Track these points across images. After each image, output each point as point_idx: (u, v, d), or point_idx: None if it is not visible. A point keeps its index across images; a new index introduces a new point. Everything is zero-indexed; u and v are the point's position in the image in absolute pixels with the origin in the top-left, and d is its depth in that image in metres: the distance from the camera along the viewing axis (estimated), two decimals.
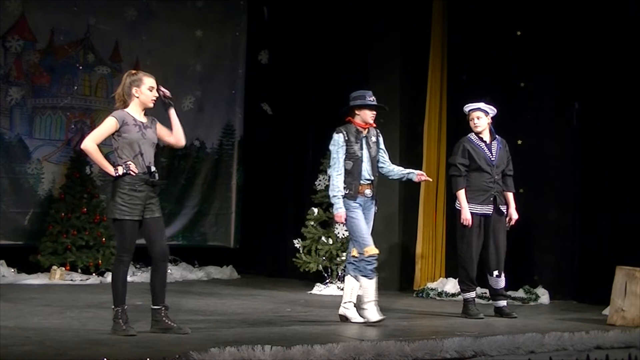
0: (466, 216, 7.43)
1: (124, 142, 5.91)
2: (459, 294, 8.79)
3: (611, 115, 8.47)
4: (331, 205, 9.82)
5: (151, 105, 6.06)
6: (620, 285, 7.10)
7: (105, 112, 5.90)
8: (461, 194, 7.49)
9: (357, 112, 6.97)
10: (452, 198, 9.26)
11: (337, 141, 6.91)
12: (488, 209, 7.49)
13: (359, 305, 6.93)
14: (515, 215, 7.62)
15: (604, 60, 8.51)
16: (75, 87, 11.06)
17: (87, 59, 11.11)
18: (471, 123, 7.59)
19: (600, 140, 8.56)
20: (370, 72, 10.21)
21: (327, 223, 9.96)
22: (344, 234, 9.78)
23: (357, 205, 6.89)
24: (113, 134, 5.93)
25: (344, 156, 6.89)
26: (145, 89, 6.01)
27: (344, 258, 9.69)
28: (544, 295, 8.72)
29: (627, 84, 8.34)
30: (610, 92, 8.49)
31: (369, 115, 6.94)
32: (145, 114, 6.07)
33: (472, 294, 7.53)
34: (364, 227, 6.86)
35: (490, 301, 7.90)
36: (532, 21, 9.11)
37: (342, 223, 6.98)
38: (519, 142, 8.82)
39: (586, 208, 8.67)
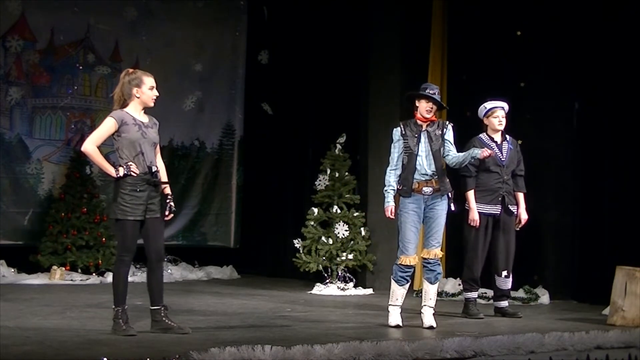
0: (474, 217, 7.43)
1: (124, 142, 5.89)
2: (459, 294, 8.80)
3: (611, 115, 8.47)
4: (331, 205, 9.91)
5: (152, 104, 6.04)
6: (620, 285, 7.09)
7: (105, 112, 5.90)
8: (470, 194, 7.49)
9: (417, 104, 6.77)
10: (453, 197, 9.29)
11: (394, 136, 6.79)
12: (496, 209, 7.49)
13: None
14: (524, 216, 7.63)
15: (604, 60, 8.51)
16: (75, 87, 11.07)
17: (87, 59, 11.12)
18: (494, 120, 7.54)
19: (600, 140, 8.56)
20: (371, 72, 10.21)
21: (327, 223, 9.97)
22: (344, 234, 9.79)
23: (413, 204, 6.67)
24: (113, 134, 5.92)
25: (401, 151, 6.73)
26: (147, 89, 5.99)
27: (343, 258, 9.70)
28: (544, 295, 8.71)
29: (627, 84, 8.34)
30: (610, 92, 8.49)
31: (425, 109, 6.70)
32: (145, 113, 6.07)
33: (474, 294, 7.54)
34: (409, 232, 6.65)
35: (492, 301, 7.90)
36: (532, 21, 9.10)
37: (389, 218, 6.80)
38: (519, 142, 8.81)
39: (586, 208, 8.66)
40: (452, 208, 6.81)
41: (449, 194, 6.74)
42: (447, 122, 6.87)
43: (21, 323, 6.30)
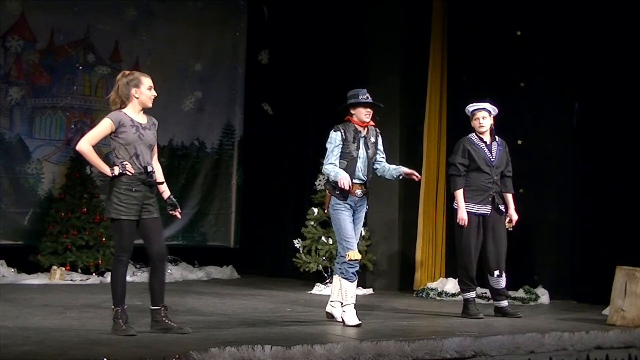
0: (462, 216, 7.44)
1: (120, 143, 5.89)
2: (459, 294, 8.79)
3: (611, 115, 8.47)
4: None
5: (150, 105, 6.03)
6: (620, 285, 7.10)
7: (105, 112, 5.90)
8: (459, 193, 7.50)
9: (352, 111, 6.90)
10: (451, 198, 9.31)
11: (334, 139, 6.85)
12: (486, 209, 7.50)
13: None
14: (515, 216, 7.63)
15: (603, 60, 8.51)
16: (75, 87, 11.06)
17: (87, 59, 11.12)
18: (475, 123, 7.58)
19: (600, 140, 8.56)
20: (370, 72, 10.20)
21: (327, 223, 9.96)
22: None
23: (347, 206, 6.79)
24: (110, 135, 5.92)
25: (339, 154, 6.82)
26: (145, 89, 5.98)
27: None
28: (544, 295, 8.72)
29: (626, 84, 8.34)
30: (610, 92, 8.49)
31: (363, 114, 6.85)
32: (144, 113, 6.06)
33: (472, 294, 7.53)
34: (350, 229, 6.78)
35: (491, 301, 7.90)
36: (532, 21, 9.11)
37: (346, 188, 6.66)
38: (519, 142, 8.82)
39: (586, 208, 8.66)
40: (367, 209, 7.01)
41: (368, 197, 6.96)
42: (378, 130, 7.05)
43: (21, 323, 6.30)
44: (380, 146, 7.03)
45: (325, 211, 7.11)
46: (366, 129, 6.92)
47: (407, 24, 10.09)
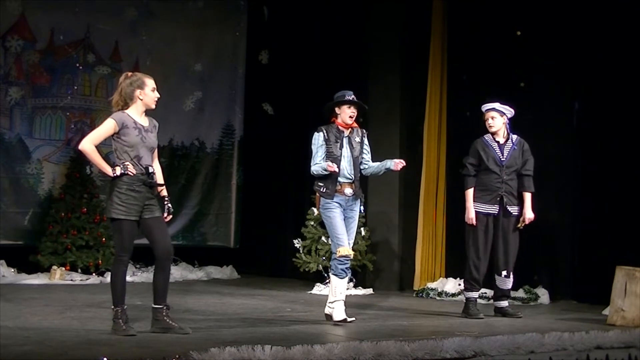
0: (470, 215, 7.46)
1: (122, 144, 5.89)
2: (459, 294, 8.81)
3: (611, 115, 8.47)
4: None
5: (154, 106, 6.04)
6: (620, 285, 7.10)
7: (105, 112, 5.91)
8: (468, 192, 7.52)
9: (337, 111, 6.96)
10: (451, 197, 9.30)
11: (317, 140, 6.91)
12: (493, 209, 7.48)
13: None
14: (529, 215, 7.61)
15: (603, 60, 8.51)
16: (75, 87, 11.07)
17: (87, 59, 11.12)
18: (486, 123, 7.59)
19: (600, 140, 8.56)
20: (370, 72, 10.21)
21: None
22: None
23: (336, 204, 6.82)
24: (112, 136, 5.92)
25: (324, 155, 6.86)
26: (149, 91, 5.98)
27: None
28: (544, 295, 8.72)
29: (626, 84, 8.34)
30: (610, 92, 8.49)
31: (347, 114, 6.90)
32: (146, 115, 6.05)
33: (475, 294, 7.53)
34: (340, 226, 6.80)
35: (492, 301, 7.90)
36: (532, 21, 9.11)
37: (333, 171, 6.74)
38: None
39: (586, 208, 8.66)
40: (362, 210, 7.09)
41: (361, 198, 6.99)
42: (364, 130, 7.09)
43: (21, 323, 6.30)
44: (366, 146, 7.05)
45: (318, 212, 7.14)
46: (350, 129, 6.96)
47: (407, 24, 10.09)
